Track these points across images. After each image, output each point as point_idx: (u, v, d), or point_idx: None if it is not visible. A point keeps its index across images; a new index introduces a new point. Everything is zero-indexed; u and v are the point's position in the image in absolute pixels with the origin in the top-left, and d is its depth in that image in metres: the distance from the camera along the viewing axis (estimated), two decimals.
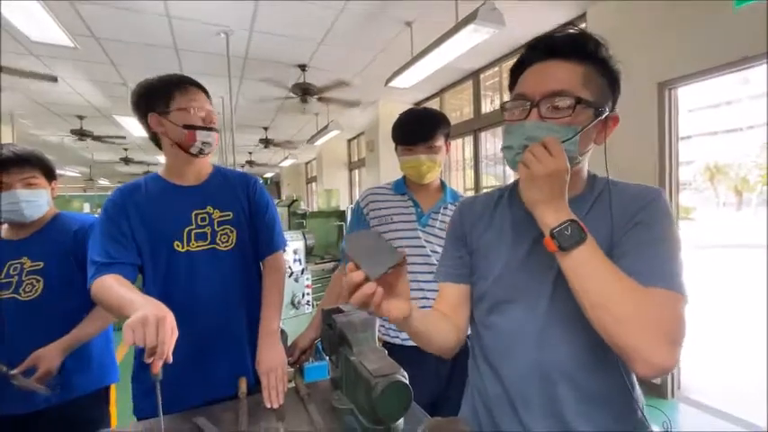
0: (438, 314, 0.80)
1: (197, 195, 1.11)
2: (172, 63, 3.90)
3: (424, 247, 1.28)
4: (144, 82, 1.07)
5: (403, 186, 1.35)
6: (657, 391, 2.53)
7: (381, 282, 0.59)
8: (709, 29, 2.19)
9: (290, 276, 3.13)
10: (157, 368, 0.72)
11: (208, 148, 1.09)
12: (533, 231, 0.69)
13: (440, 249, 1.26)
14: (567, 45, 0.64)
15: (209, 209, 1.10)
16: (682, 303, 0.57)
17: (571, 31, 0.65)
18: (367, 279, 0.58)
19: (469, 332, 0.84)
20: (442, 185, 1.39)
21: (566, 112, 0.62)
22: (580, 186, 0.71)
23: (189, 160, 1.10)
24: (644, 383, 2.54)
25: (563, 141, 0.61)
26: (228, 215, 1.12)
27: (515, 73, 0.70)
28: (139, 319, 0.72)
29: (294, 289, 3.19)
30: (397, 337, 1.27)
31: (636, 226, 0.62)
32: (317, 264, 3.80)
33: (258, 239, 1.18)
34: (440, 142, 1.27)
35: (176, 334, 0.75)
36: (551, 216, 0.59)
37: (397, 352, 1.04)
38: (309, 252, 3.65)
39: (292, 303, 3.14)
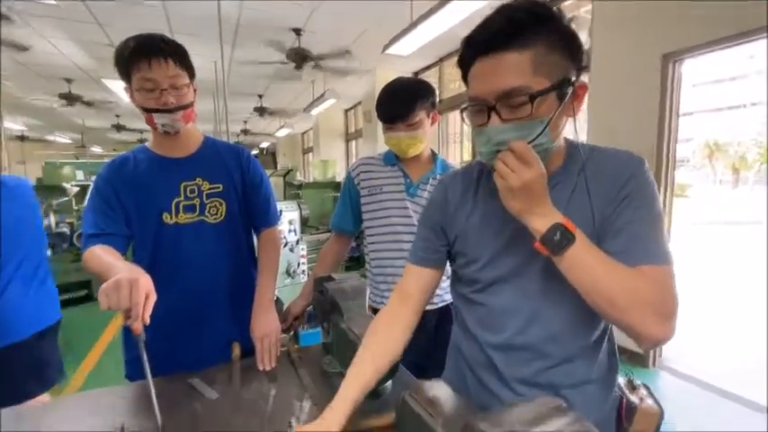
0: (378, 343, 0.75)
1: (186, 167, 1.08)
2: (160, 23, 3.74)
3: (411, 217, 1.29)
4: (117, 47, 0.99)
5: (393, 157, 1.35)
6: (640, 360, 2.62)
7: None
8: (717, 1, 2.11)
9: (285, 246, 3.15)
10: (138, 329, 0.73)
11: (171, 129, 1.02)
12: None
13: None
14: (502, 34, 0.57)
15: (199, 180, 1.08)
16: (672, 274, 0.59)
17: (500, 11, 0.58)
18: None
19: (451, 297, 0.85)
20: (433, 156, 1.38)
21: (524, 110, 0.58)
22: (559, 159, 0.68)
23: (168, 135, 1.05)
24: (624, 352, 2.63)
25: (531, 141, 0.58)
26: (218, 187, 1.10)
27: (463, 69, 0.65)
28: (112, 283, 0.71)
29: (289, 259, 3.22)
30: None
31: (624, 201, 0.62)
32: (312, 234, 3.82)
33: (254, 214, 1.18)
34: (420, 117, 1.23)
35: (153, 297, 0.75)
36: (538, 222, 0.58)
37: None
38: (305, 223, 3.66)
39: (287, 272, 3.17)
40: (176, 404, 0.86)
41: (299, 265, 3.27)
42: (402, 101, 1.23)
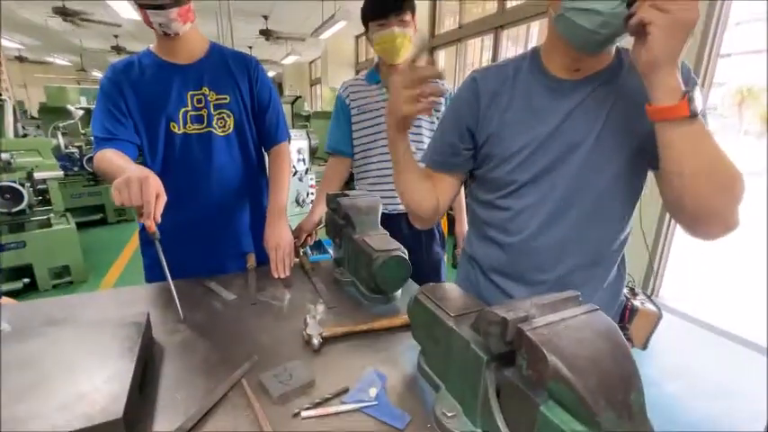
0: (427, 178, 0.78)
1: (192, 75, 1.04)
2: None
3: None
4: None
5: (375, 75, 1.37)
6: None
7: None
8: None
9: (294, 175, 3.14)
10: (152, 227, 0.75)
11: (168, 28, 0.96)
12: (566, 103, 0.65)
13: (413, 131, 1.32)
14: None
15: (205, 90, 1.04)
16: None
17: None
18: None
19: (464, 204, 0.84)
20: None
21: None
22: (608, 58, 0.65)
23: (170, 37, 0.99)
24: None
25: None
26: (225, 99, 1.06)
27: None
28: (123, 180, 0.73)
29: (298, 188, 3.22)
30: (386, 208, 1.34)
31: None
32: (320, 165, 3.79)
33: (263, 130, 1.15)
34: (408, 17, 1.26)
35: (164, 197, 0.77)
36: (677, 78, 0.52)
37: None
38: (313, 153, 3.60)
39: (297, 202, 3.20)
40: (195, 302, 0.90)
41: (308, 194, 3.29)
42: None
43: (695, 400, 1.82)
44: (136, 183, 0.73)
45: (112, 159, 0.91)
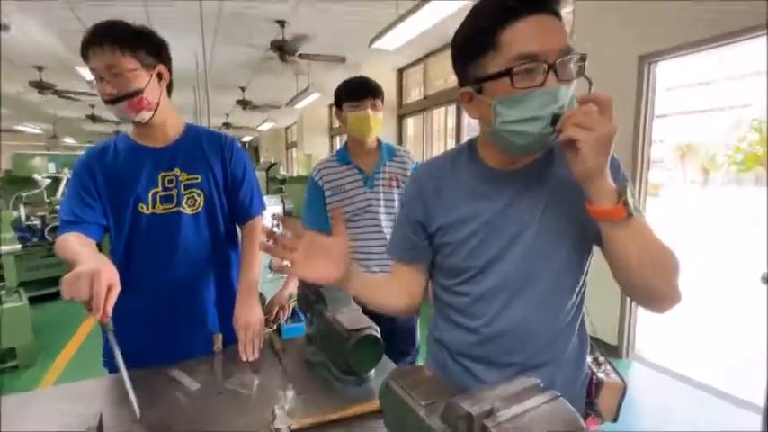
0: (388, 280, 0.82)
1: (165, 157, 1.06)
2: (138, 13, 3.62)
3: (372, 205, 1.41)
4: None
5: (345, 155, 1.46)
6: (614, 351, 2.71)
7: (316, 243, 0.67)
8: (694, 2, 2.19)
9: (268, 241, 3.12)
10: (104, 319, 0.73)
11: (123, 118, 0.99)
12: (505, 192, 0.69)
13: (383, 210, 1.42)
14: None
15: (177, 171, 1.06)
16: None
17: None
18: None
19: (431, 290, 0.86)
20: (379, 144, 1.50)
21: (575, 70, 0.59)
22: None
23: (138, 124, 1.02)
24: (602, 345, 2.72)
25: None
26: (196, 178, 1.08)
27: (492, 29, 0.58)
28: (74, 274, 0.72)
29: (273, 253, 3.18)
30: None
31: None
32: None
33: (235, 207, 1.16)
34: (380, 104, 1.40)
35: (117, 289, 0.75)
36: (610, 183, 0.56)
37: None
38: (288, 216, 3.63)
39: (270, 267, 3.14)
40: (156, 394, 0.84)
41: (282, 259, 3.24)
42: (370, 83, 1.40)
43: None
44: (86, 277, 0.71)
45: (72, 245, 0.90)
